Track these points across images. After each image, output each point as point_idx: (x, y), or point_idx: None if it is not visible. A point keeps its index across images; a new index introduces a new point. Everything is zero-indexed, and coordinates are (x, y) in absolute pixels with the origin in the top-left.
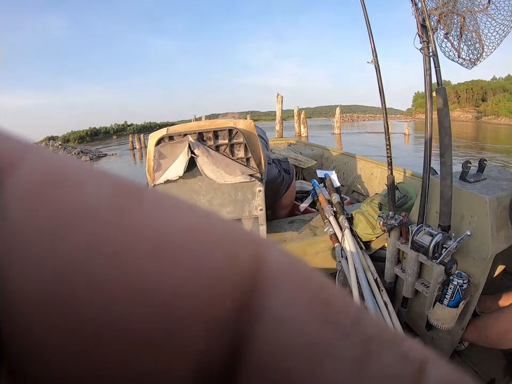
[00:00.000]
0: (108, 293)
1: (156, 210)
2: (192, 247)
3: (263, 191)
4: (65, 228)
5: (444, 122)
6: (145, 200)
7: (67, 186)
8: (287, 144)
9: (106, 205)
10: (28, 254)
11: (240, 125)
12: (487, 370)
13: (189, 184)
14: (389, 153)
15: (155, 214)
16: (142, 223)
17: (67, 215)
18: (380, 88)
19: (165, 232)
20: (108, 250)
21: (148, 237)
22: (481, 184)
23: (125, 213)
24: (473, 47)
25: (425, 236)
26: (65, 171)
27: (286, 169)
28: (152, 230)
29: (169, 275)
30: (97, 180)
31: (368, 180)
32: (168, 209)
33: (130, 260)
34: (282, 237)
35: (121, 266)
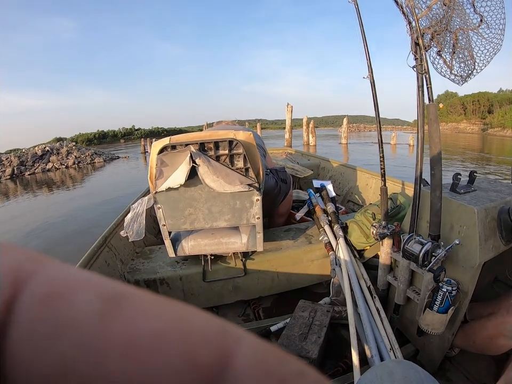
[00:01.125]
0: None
1: (130, 316)
2: (155, 350)
3: (260, 200)
4: (59, 335)
5: (434, 137)
6: (123, 308)
7: (62, 300)
8: (285, 154)
9: (90, 315)
10: (31, 352)
11: (240, 136)
12: (478, 376)
13: (189, 192)
14: (382, 165)
15: (128, 320)
16: (118, 329)
17: (61, 325)
18: (375, 102)
19: (134, 337)
20: (89, 352)
21: (120, 341)
22: (471, 195)
23: (104, 321)
24: (464, 64)
25: (416, 245)
26: (62, 285)
27: (283, 178)
28: (124, 335)
29: (134, 373)
30: (86, 291)
31: (363, 190)
32: (142, 315)
33: (105, 359)
34: (278, 244)
35: (99, 365)
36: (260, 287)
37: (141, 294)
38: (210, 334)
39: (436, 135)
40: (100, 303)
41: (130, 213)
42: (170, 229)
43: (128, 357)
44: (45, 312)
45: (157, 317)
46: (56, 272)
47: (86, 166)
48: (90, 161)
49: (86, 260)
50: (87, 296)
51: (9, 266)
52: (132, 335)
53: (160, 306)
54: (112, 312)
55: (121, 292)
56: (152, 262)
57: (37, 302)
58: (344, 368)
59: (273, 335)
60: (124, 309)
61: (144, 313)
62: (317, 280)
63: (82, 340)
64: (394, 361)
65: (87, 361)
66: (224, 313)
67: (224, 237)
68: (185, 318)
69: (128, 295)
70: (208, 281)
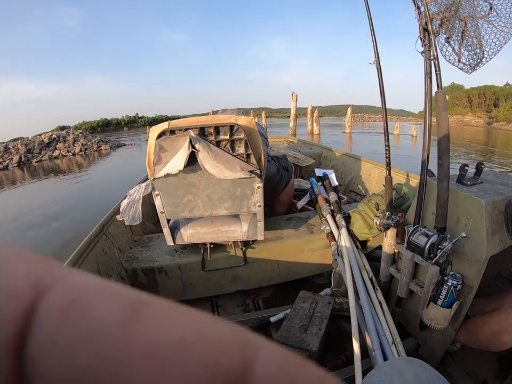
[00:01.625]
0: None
1: (150, 325)
2: (175, 359)
3: (262, 187)
4: (79, 345)
5: (442, 126)
6: (143, 315)
7: (82, 310)
8: (287, 143)
9: (111, 324)
10: (52, 361)
11: (241, 121)
12: (479, 372)
13: (188, 178)
14: (388, 154)
15: (149, 329)
16: (138, 338)
17: (81, 334)
18: (381, 89)
19: (154, 346)
20: (109, 361)
21: (140, 350)
22: (478, 188)
23: (124, 330)
24: (473, 52)
25: (421, 237)
26: (81, 294)
27: (284, 166)
28: (143, 344)
29: (153, 382)
30: (106, 300)
31: (366, 180)
32: (161, 324)
33: (125, 369)
34: (279, 234)
35: (119, 374)
36: (260, 277)
37: (161, 303)
38: (230, 343)
39: (444, 124)
40: (120, 312)
41: (126, 199)
42: (169, 217)
43: (148, 366)
44: (65, 321)
45: (177, 325)
46: (76, 281)
47: (92, 153)
48: (96, 149)
49: (83, 248)
50: (107, 305)
51: (28, 275)
52: (152, 344)
53: (180, 315)
54: (133, 321)
55: (141, 300)
56: (151, 250)
57: (57, 311)
58: (345, 361)
59: (273, 326)
60: (144, 317)
61: (164, 322)
62: (318, 270)
63: (102, 350)
64: (403, 359)
65: (107, 370)
66: (223, 303)
67: (224, 225)
68: (205, 327)
69: (149, 303)
70: (207, 270)
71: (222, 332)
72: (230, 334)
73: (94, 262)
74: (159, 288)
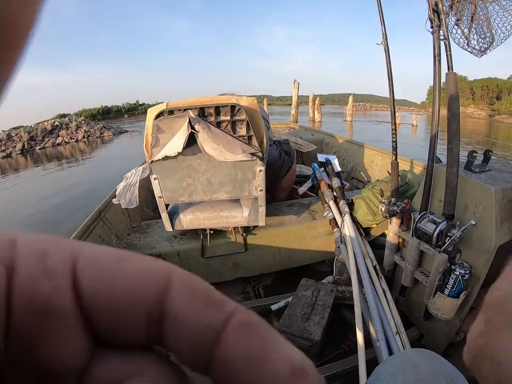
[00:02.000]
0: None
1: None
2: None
3: (263, 171)
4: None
5: (453, 108)
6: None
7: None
8: (288, 129)
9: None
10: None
11: (243, 102)
12: None
13: (187, 161)
14: (395, 138)
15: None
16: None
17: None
18: (389, 71)
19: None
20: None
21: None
22: (486, 175)
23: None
24: (483, 35)
25: (429, 224)
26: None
27: (286, 151)
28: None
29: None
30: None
31: (369, 167)
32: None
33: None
34: (281, 220)
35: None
36: (261, 264)
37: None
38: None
39: (455, 106)
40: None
41: (123, 182)
42: (168, 201)
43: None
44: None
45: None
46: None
47: (95, 139)
48: (99, 135)
49: (78, 235)
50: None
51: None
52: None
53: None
54: (124, 262)
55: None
56: (149, 236)
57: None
58: (347, 350)
59: (274, 314)
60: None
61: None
62: (320, 258)
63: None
64: (416, 351)
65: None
66: (224, 290)
67: (224, 210)
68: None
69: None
70: (207, 257)
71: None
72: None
73: None
74: None
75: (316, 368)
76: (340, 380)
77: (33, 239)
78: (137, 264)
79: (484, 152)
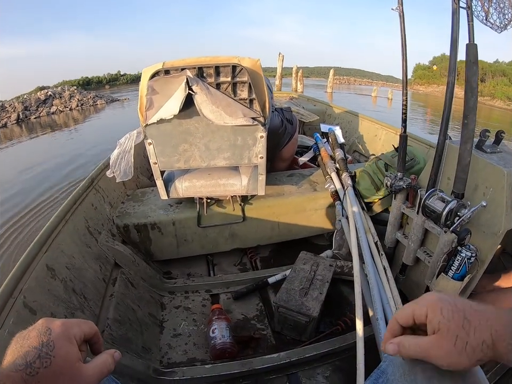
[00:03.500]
0: None
1: None
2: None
3: (265, 137)
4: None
5: (471, 82)
6: None
7: None
8: (289, 98)
9: None
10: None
11: (245, 63)
12: None
13: (184, 125)
14: (405, 110)
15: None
16: None
17: None
18: (403, 39)
19: None
20: None
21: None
22: (498, 156)
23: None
24: (502, 13)
25: (438, 202)
26: None
27: (289, 119)
28: None
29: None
30: None
31: (372, 141)
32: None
33: None
34: (280, 190)
35: None
36: (259, 235)
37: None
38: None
39: (474, 80)
40: None
41: (116, 149)
42: (163, 168)
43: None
44: None
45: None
46: None
47: (88, 108)
48: (92, 103)
49: (70, 203)
50: None
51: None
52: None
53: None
54: None
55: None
56: (144, 205)
57: None
58: (343, 327)
59: (271, 287)
60: None
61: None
62: (319, 231)
63: None
64: None
65: None
66: (220, 261)
67: (222, 178)
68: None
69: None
70: (203, 226)
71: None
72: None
73: (82, 218)
74: (152, 245)
75: (312, 345)
76: (336, 357)
77: (59, 325)
78: None
79: (496, 133)
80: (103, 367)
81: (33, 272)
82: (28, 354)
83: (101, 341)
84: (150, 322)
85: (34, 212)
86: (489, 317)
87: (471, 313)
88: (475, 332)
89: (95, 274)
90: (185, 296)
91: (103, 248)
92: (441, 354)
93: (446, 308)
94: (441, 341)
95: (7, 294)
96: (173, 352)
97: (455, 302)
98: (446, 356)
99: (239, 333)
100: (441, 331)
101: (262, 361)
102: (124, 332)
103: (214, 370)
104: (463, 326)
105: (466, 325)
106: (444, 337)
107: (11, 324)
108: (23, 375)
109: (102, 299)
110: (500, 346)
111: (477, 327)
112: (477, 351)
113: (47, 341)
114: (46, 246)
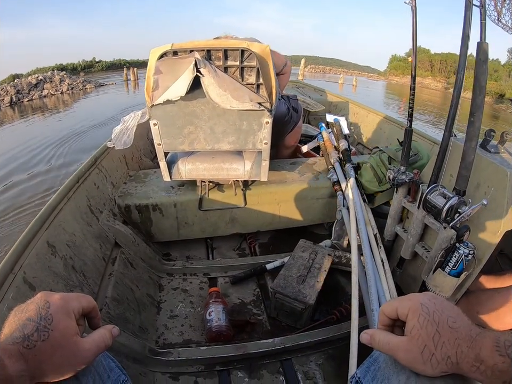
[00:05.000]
0: None
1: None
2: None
3: (270, 123)
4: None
5: (480, 80)
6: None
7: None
8: (295, 86)
9: None
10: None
11: (254, 48)
12: None
13: (190, 107)
14: (412, 104)
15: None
16: None
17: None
18: (414, 33)
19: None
20: None
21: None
22: (501, 157)
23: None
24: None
25: (439, 197)
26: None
27: (294, 107)
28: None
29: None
30: None
31: (376, 134)
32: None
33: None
34: (283, 177)
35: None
36: (259, 221)
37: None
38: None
39: (483, 78)
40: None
41: (120, 125)
42: (167, 149)
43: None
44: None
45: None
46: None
47: (78, 91)
48: (82, 87)
49: (73, 181)
50: None
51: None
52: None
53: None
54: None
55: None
56: (146, 186)
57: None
58: (338, 316)
59: (269, 273)
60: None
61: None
62: (319, 220)
63: None
64: None
65: None
66: (219, 245)
67: (226, 162)
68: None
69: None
70: (204, 210)
71: None
72: None
73: (84, 196)
74: (153, 226)
75: (307, 332)
76: (329, 346)
77: (58, 298)
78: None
79: (501, 133)
80: (100, 341)
81: (34, 249)
82: (26, 327)
83: (99, 315)
84: (148, 302)
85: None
86: (459, 337)
87: (444, 328)
88: (442, 346)
89: (95, 253)
90: (183, 279)
91: (104, 227)
92: (407, 358)
93: (423, 316)
94: (410, 345)
95: (7, 269)
96: (169, 333)
97: (434, 312)
98: (412, 361)
99: (235, 317)
100: (412, 336)
101: (256, 346)
102: (122, 311)
103: (209, 352)
104: (433, 338)
105: (436, 337)
106: (414, 343)
107: (10, 299)
108: (20, 348)
109: (101, 278)
110: (464, 366)
111: (445, 342)
112: (442, 364)
113: (46, 314)
114: (48, 223)
